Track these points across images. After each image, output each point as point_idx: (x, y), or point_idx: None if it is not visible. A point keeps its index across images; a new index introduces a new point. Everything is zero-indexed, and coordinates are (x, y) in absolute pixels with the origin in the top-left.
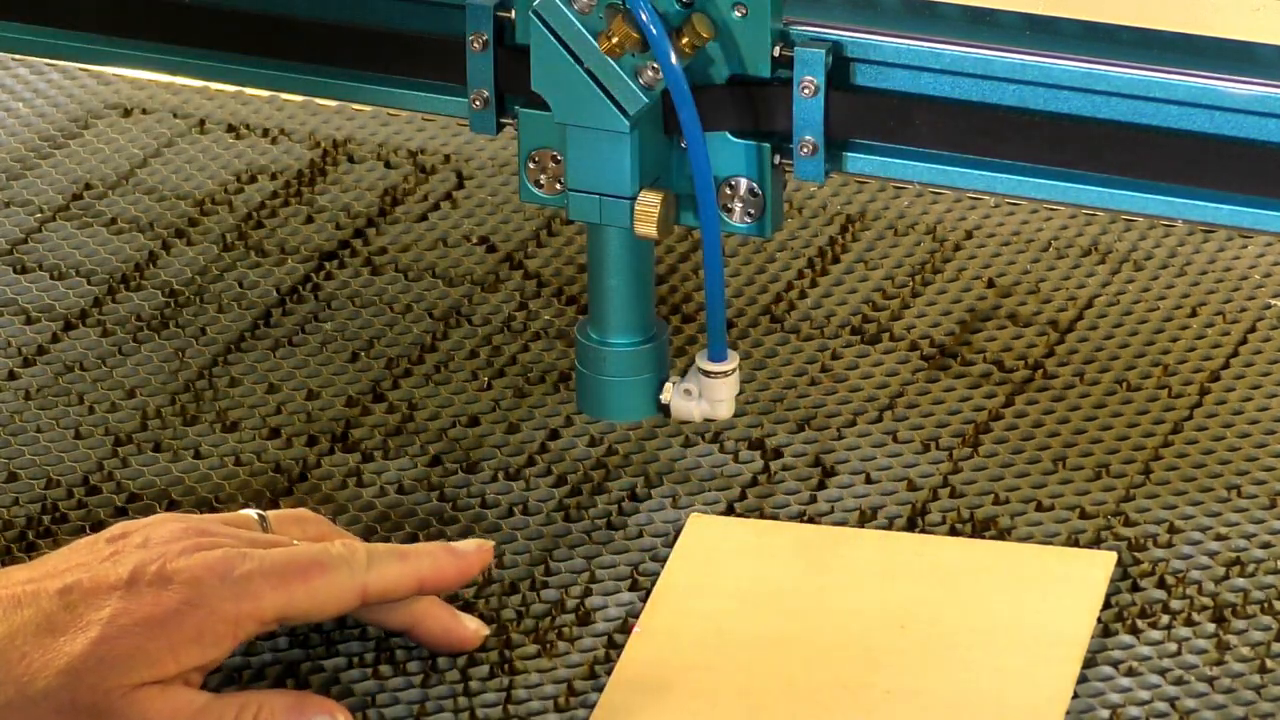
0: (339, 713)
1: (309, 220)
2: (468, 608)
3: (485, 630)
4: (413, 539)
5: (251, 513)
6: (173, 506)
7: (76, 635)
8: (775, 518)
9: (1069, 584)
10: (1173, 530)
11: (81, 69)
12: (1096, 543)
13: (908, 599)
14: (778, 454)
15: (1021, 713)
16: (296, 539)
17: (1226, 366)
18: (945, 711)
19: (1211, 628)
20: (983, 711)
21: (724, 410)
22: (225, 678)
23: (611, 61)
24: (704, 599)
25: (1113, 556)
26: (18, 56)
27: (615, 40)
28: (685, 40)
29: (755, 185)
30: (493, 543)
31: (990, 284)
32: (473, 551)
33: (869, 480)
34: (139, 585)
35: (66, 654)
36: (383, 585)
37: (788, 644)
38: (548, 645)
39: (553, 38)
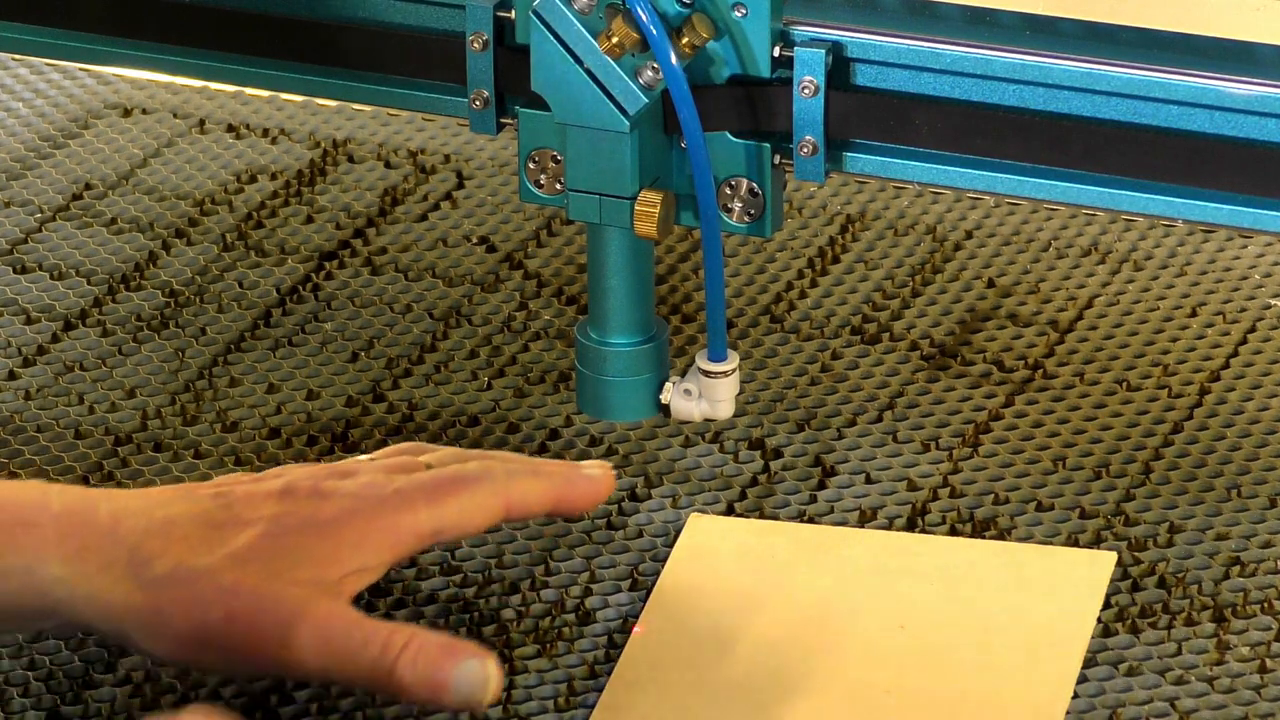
0: (490, 661)
1: (309, 220)
2: (468, 607)
3: (612, 471)
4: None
5: (361, 457)
6: None
7: (241, 530)
8: (775, 518)
9: (1069, 584)
10: (1173, 530)
11: (81, 69)
12: (1096, 542)
13: (908, 599)
14: (778, 454)
15: (1021, 713)
16: (427, 459)
17: (1226, 366)
18: (945, 711)
19: (1211, 628)
20: (983, 712)
21: (724, 410)
22: (225, 679)
23: (611, 61)
24: (704, 599)
25: (1113, 556)
26: (18, 56)
27: (615, 40)
28: (685, 40)
29: (755, 185)
30: (613, 468)
31: (990, 284)
32: (599, 476)
33: (869, 480)
34: (296, 496)
35: (232, 542)
36: (523, 501)
37: (788, 644)
38: (548, 645)
39: (553, 38)
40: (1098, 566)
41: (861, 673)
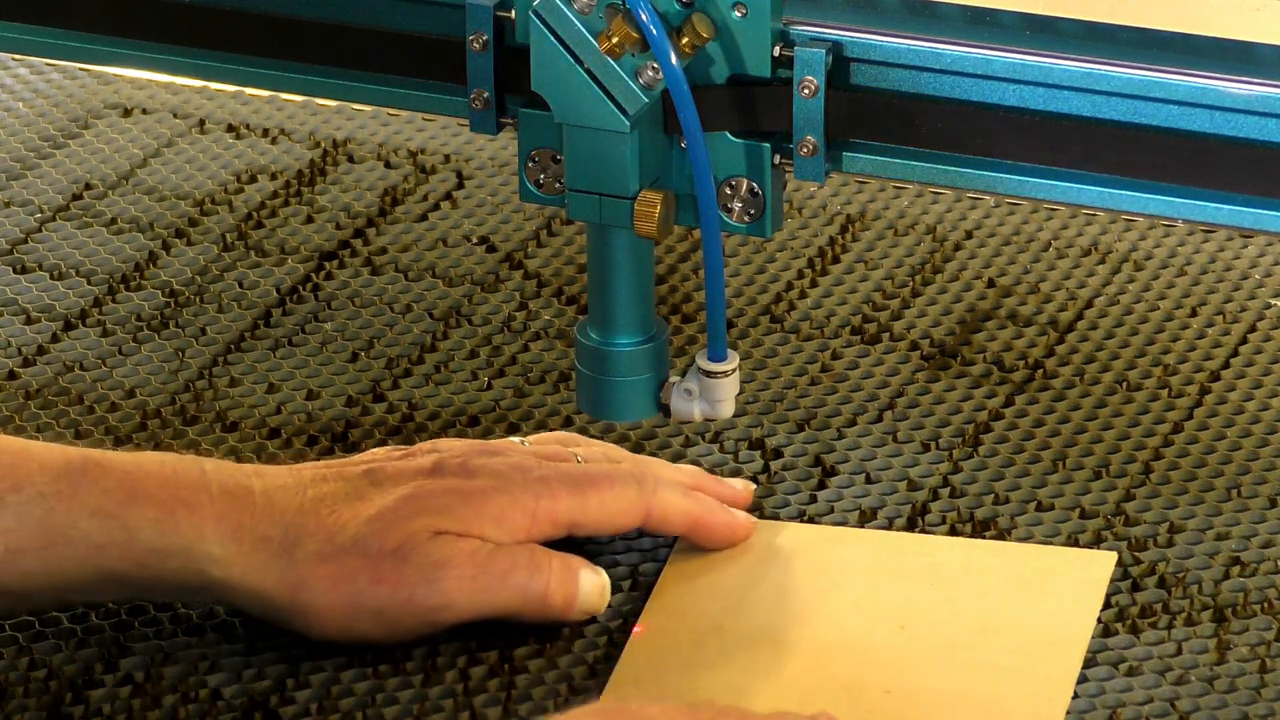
0: (602, 575)
1: (309, 220)
2: None
3: (754, 520)
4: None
5: (515, 439)
6: None
7: (387, 494)
8: (775, 518)
9: (1069, 584)
10: (1173, 530)
11: (81, 69)
12: (1096, 542)
13: (907, 599)
14: (778, 454)
15: (1021, 713)
16: (577, 451)
17: (1226, 366)
18: (945, 712)
19: (1211, 628)
20: (982, 711)
21: (724, 410)
22: (228, 676)
23: (611, 61)
24: (702, 598)
25: (1113, 556)
26: (18, 56)
27: (615, 40)
28: (685, 40)
29: (755, 185)
30: (754, 519)
31: (990, 284)
32: (743, 521)
33: (869, 480)
34: (443, 472)
35: (378, 505)
36: (663, 513)
37: (786, 644)
38: (548, 645)
39: (553, 38)
40: (1097, 566)
41: (860, 672)
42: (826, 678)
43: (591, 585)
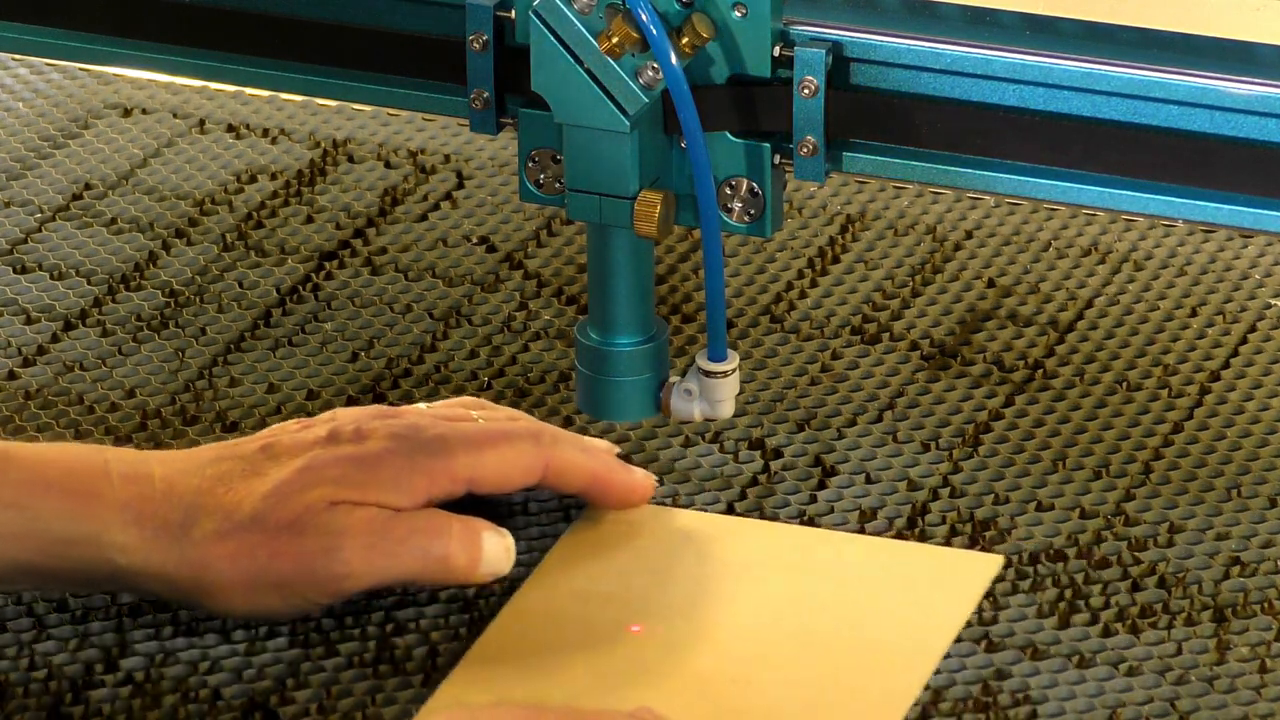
0: (506, 536)
1: (309, 220)
2: (468, 606)
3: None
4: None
5: (420, 405)
6: None
7: (283, 468)
8: (775, 518)
9: (946, 585)
10: (1173, 530)
11: (81, 69)
12: (1096, 542)
13: (785, 591)
14: (778, 454)
15: (862, 708)
16: (477, 413)
17: (1226, 366)
18: (786, 703)
19: (1211, 628)
20: (824, 705)
21: (724, 410)
22: (228, 676)
23: (611, 61)
24: (582, 580)
25: (999, 560)
26: (18, 56)
27: (615, 40)
28: (685, 40)
29: (755, 185)
30: (654, 482)
31: (990, 284)
32: (640, 476)
33: (869, 480)
34: (339, 439)
35: (273, 479)
36: (561, 467)
37: (652, 629)
38: None
39: (553, 38)
40: (979, 569)
41: (715, 661)
42: (680, 664)
43: (495, 545)
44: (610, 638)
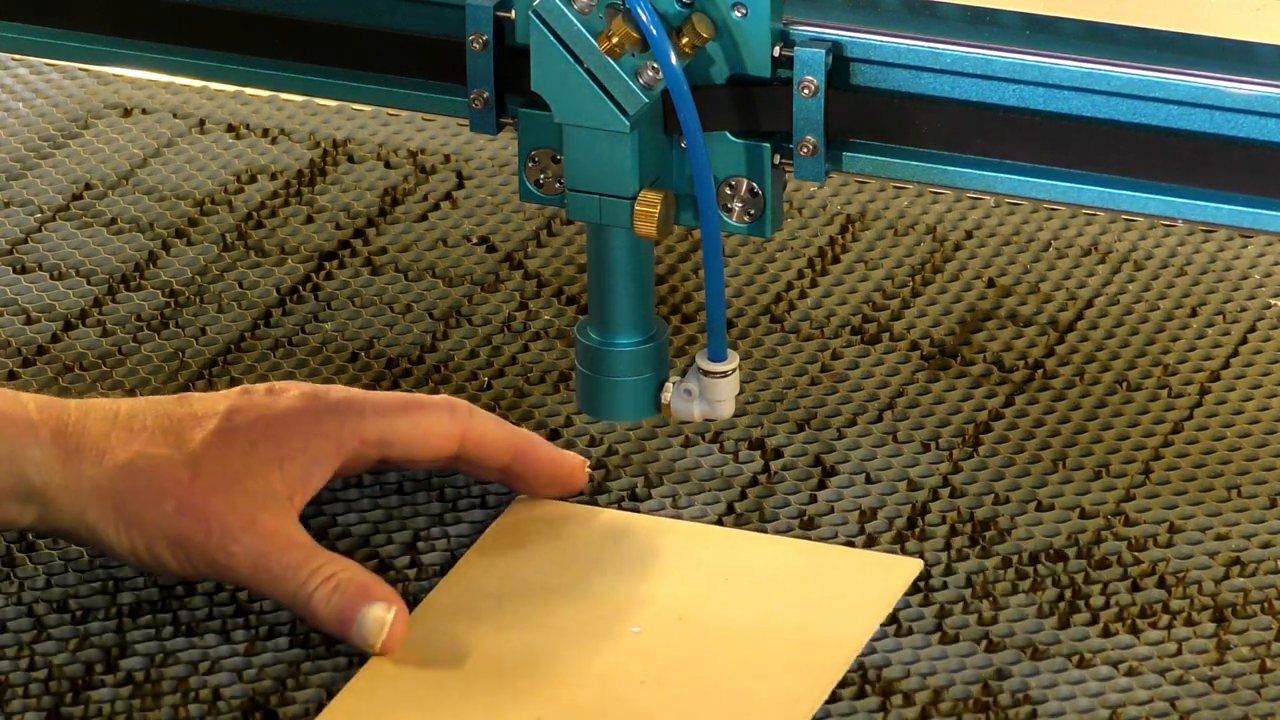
0: (395, 609)
1: (309, 220)
2: None
3: (587, 467)
4: (414, 539)
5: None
6: None
7: (196, 425)
8: (775, 518)
9: (860, 588)
10: (1173, 530)
11: (81, 69)
12: (1096, 542)
13: (696, 592)
14: (778, 454)
15: (769, 708)
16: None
17: (1226, 366)
18: (693, 704)
19: (1211, 628)
20: (727, 707)
21: (724, 410)
22: (228, 676)
23: (611, 61)
24: (496, 578)
25: (918, 564)
26: (18, 56)
27: (615, 40)
28: (685, 40)
29: (755, 185)
30: (589, 472)
31: (990, 284)
32: (571, 458)
33: (869, 480)
34: (252, 394)
35: (189, 438)
36: (479, 438)
37: (562, 628)
38: None
39: (553, 38)
40: (897, 572)
41: (623, 662)
42: (586, 664)
43: (369, 621)
44: (517, 634)
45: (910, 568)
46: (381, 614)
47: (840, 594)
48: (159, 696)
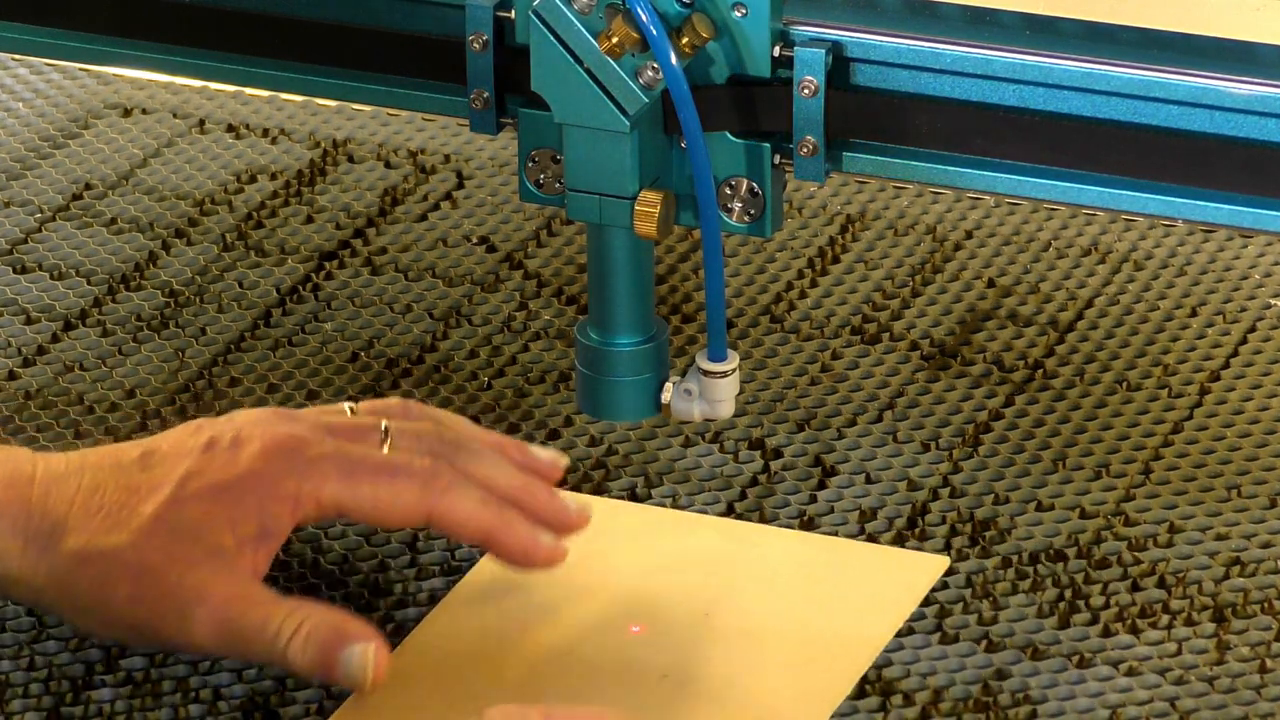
0: (373, 645)
1: (309, 220)
2: None
3: (565, 549)
4: (414, 539)
5: (344, 405)
6: None
7: (149, 497)
8: (775, 518)
9: (887, 585)
10: (1173, 530)
11: (81, 69)
12: (1096, 542)
13: (723, 587)
14: (778, 454)
15: (787, 707)
16: (387, 422)
17: (1226, 366)
18: (712, 700)
19: (1211, 628)
20: (749, 702)
21: (724, 410)
22: (228, 676)
23: (611, 61)
24: (522, 573)
25: (944, 561)
26: (18, 56)
27: (615, 40)
28: (685, 40)
29: (755, 185)
30: (566, 551)
31: (990, 284)
32: (545, 544)
33: (869, 480)
34: (213, 450)
35: (139, 514)
36: (447, 518)
37: (591, 621)
38: None
39: (553, 38)
40: (922, 570)
41: (648, 655)
42: (611, 657)
43: (353, 660)
44: (544, 629)
45: (936, 565)
46: (362, 653)
47: (866, 590)
48: (159, 696)
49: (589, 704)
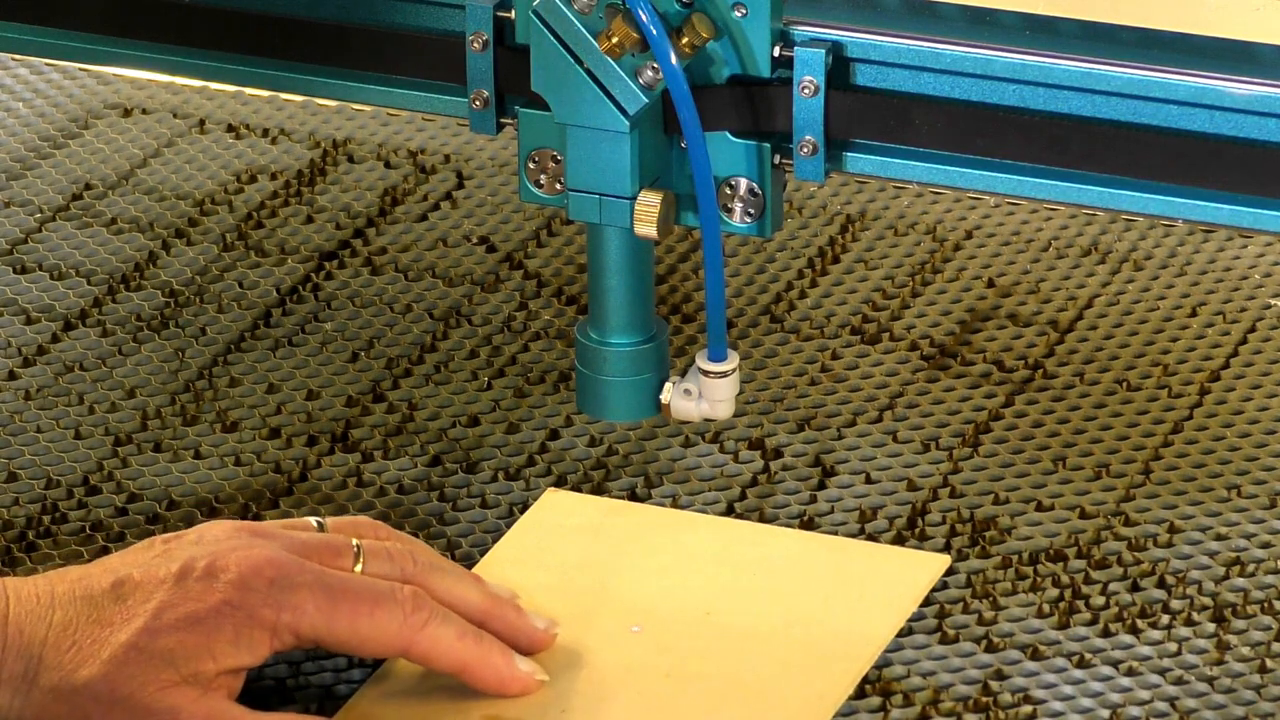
0: None
1: (309, 220)
2: None
3: (541, 675)
4: (413, 538)
5: (311, 520)
6: (173, 507)
7: (122, 627)
8: (775, 518)
9: (889, 584)
10: (1173, 530)
11: (81, 69)
12: (1096, 542)
13: (724, 586)
14: (778, 454)
15: (790, 706)
16: (358, 541)
17: (1226, 366)
18: (715, 698)
19: (1211, 628)
20: (751, 701)
21: (724, 410)
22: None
23: (611, 61)
24: (525, 571)
25: (945, 560)
26: (18, 56)
27: (615, 40)
28: (685, 40)
29: (755, 185)
30: (544, 679)
31: (990, 284)
32: (525, 674)
33: (869, 480)
34: (187, 580)
35: (111, 644)
36: (428, 651)
37: (590, 621)
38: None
39: (553, 38)
40: (924, 568)
41: (649, 654)
42: (612, 657)
43: None
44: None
45: (937, 564)
46: None
47: (868, 589)
48: None
49: (591, 702)
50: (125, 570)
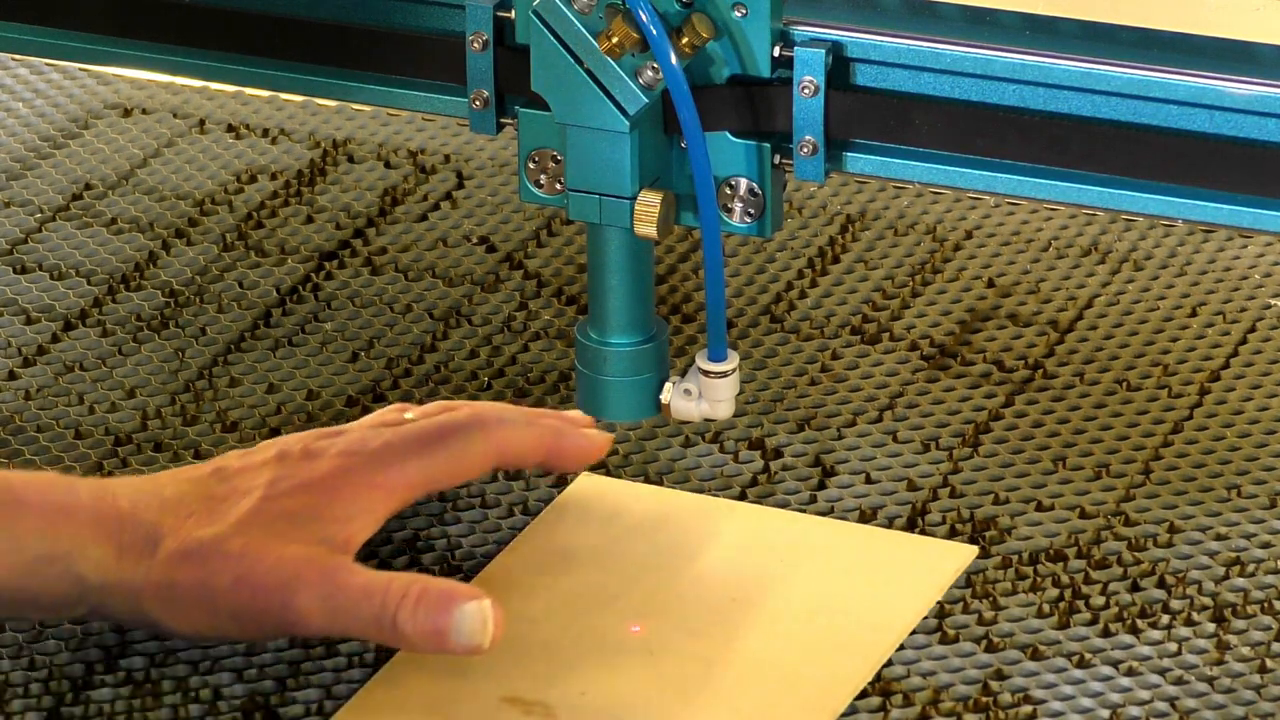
0: (486, 602)
1: (309, 220)
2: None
3: (611, 437)
4: (413, 538)
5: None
6: None
7: (239, 499)
8: None
9: (912, 573)
10: (1173, 530)
11: (81, 69)
12: (1096, 542)
13: (750, 572)
14: (778, 454)
15: (808, 691)
16: (413, 417)
17: (1226, 366)
18: (735, 682)
19: (1211, 628)
20: (770, 686)
21: (724, 410)
22: (228, 676)
23: (611, 61)
24: (554, 555)
25: (973, 550)
26: (18, 56)
27: (615, 40)
28: (685, 40)
29: (755, 185)
30: (612, 436)
31: (990, 284)
32: (593, 435)
33: (869, 480)
34: (288, 460)
35: (233, 510)
36: (514, 449)
37: (613, 604)
38: None
39: (553, 38)
40: (950, 558)
41: (671, 638)
42: (633, 639)
43: (467, 621)
44: (569, 612)
45: (963, 554)
46: (476, 611)
47: (892, 578)
48: (159, 696)
49: (611, 684)
50: (221, 461)
